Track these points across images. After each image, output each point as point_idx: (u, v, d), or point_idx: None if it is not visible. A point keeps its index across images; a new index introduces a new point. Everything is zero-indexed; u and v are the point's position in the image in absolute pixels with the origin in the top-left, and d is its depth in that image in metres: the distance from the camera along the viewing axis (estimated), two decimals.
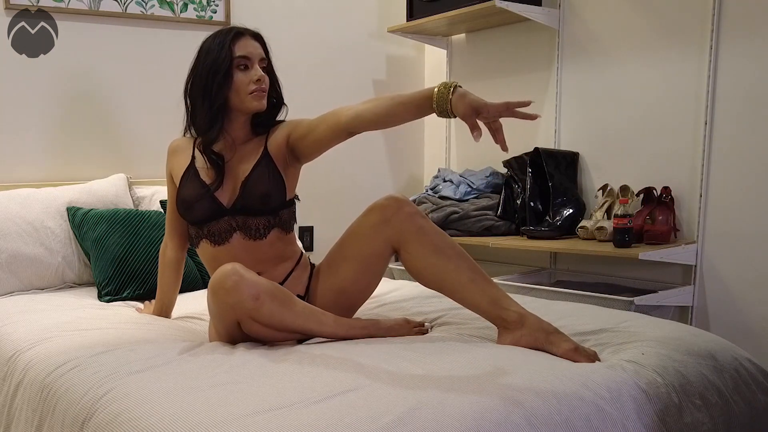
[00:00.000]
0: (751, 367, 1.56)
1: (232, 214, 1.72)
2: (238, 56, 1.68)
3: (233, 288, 1.46)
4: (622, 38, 2.65)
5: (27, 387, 1.50)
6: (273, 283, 1.55)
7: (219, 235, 1.73)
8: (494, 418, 1.14)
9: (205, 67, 1.69)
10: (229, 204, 1.73)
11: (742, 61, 2.32)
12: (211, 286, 1.51)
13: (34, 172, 2.56)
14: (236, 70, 1.69)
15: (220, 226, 1.73)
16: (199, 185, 1.74)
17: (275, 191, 1.74)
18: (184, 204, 1.75)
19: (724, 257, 2.40)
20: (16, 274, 2.22)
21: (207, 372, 1.35)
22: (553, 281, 2.82)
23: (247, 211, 1.72)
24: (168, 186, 1.87)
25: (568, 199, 2.73)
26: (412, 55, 3.47)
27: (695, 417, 1.40)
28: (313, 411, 1.13)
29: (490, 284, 1.59)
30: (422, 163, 3.55)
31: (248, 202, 1.72)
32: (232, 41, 1.68)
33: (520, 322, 1.52)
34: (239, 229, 1.72)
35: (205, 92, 1.69)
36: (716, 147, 2.40)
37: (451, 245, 1.63)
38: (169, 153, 1.85)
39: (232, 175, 1.75)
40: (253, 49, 1.71)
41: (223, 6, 2.88)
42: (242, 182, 1.73)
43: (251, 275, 1.50)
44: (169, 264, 1.91)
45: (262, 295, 1.48)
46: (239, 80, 1.69)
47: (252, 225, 1.73)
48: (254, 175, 1.73)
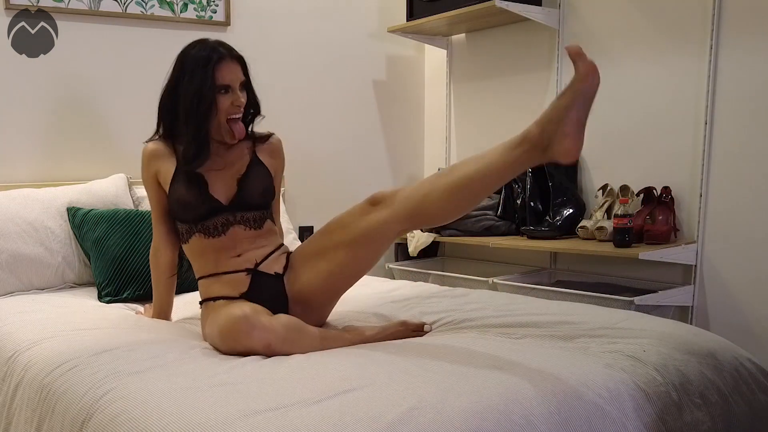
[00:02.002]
0: (752, 366, 1.57)
1: (229, 210, 1.76)
2: (219, 84, 1.71)
3: (245, 337, 1.48)
4: (622, 38, 2.65)
5: (26, 387, 1.50)
6: (284, 321, 1.54)
7: (215, 229, 1.76)
8: (494, 418, 1.14)
9: (190, 92, 1.71)
10: (227, 201, 1.77)
11: (742, 61, 2.32)
12: (221, 332, 1.52)
13: (34, 172, 2.56)
14: (219, 95, 1.72)
15: (217, 221, 1.76)
16: (193, 181, 1.75)
17: (271, 185, 1.84)
18: (179, 202, 1.76)
19: (724, 257, 2.40)
20: (16, 274, 2.22)
21: (207, 372, 1.34)
22: (553, 281, 2.82)
23: (244, 207, 1.78)
24: (151, 191, 1.85)
25: (568, 199, 2.73)
26: (412, 55, 3.47)
27: (695, 416, 1.40)
28: (313, 411, 1.13)
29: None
30: (422, 163, 3.55)
31: (248, 198, 1.77)
32: (215, 67, 1.70)
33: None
34: (238, 222, 1.77)
35: (189, 118, 1.72)
36: (716, 147, 2.40)
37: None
38: (149, 158, 1.83)
39: (223, 175, 1.78)
40: (234, 76, 1.74)
41: (223, 6, 2.88)
42: (239, 179, 1.78)
43: (262, 320, 1.50)
44: (165, 268, 1.90)
45: (273, 342, 1.48)
46: (221, 105, 1.72)
47: (250, 217, 1.79)
48: (251, 172, 1.80)
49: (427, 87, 3.51)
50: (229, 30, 2.91)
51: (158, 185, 1.83)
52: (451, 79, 3.34)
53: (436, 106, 3.46)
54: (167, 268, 1.90)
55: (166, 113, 1.80)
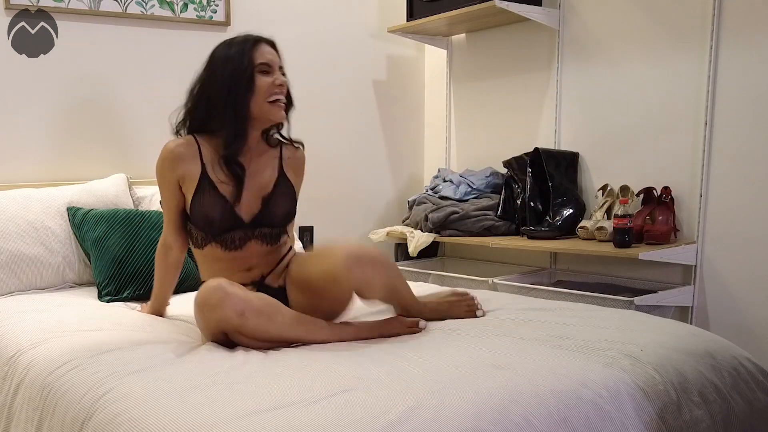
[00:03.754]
0: (750, 366, 1.57)
1: (249, 227, 1.76)
2: (259, 63, 1.69)
3: (218, 305, 1.48)
4: (622, 38, 2.65)
5: (27, 387, 1.50)
6: (260, 296, 1.57)
7: (233, 242, 1.75)
8: (493, 417, 1.14)
9: (226, 74, 1.68)
10: (249, 218, 1.76)
11: (742, 61, 2.32)
12: (197, 302, 1.53)
13: (34, 172, 2.56)
14: (258, 74, 1.69)
15: (236, 236, 1.75)
16: (218, 200, 1.72)
17: (294, 207, 1.84)
18: (205, 219, 1.73)
19: (724, 257, 2.40)
20: (17, 274, 2.22)
21: (207, 372, 1.35)
22: (553, 281, 2.82)
23: (265, 225, 1.78)
24: (169, 193, 1.79)
25: (568, 199, 2.73)
26: (412, 55, 3.47)
27: (694, 414, 1.40)
28: (313, 411, 1.13)
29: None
30: (422, 163, 3.55)
31: (270, 219, 1.77)
32: (252, 48, 1.69)
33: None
34: (256, 238, 1.77)
35: (228, 100, 1.68)
36: (716, 147, 2.40)
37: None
38: (171, 160, 1.75)
39: (249, 187, 1.76)
40: (272, 57, 1.72)
41: (223, 6, 2.88)
42: (263, 199, 1.77)
43: (236, 290, 1.52)
44: (174, 266, 1.89)
45: (247, 311, 1.49)
46: (261, 83, 1.68)
47: (268, 233, 1.79)
48: (276, 194, 1.79)
49: (427, 87, 3.51)
50: (229, 30, 2.91)
51: (178, 189, 1.77)
52: (451, 79, 3.35)
53: (436, 106, 3.46)
54: (176, 266, 1.89)
55: (199, 105, 1.75)
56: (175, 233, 1.84)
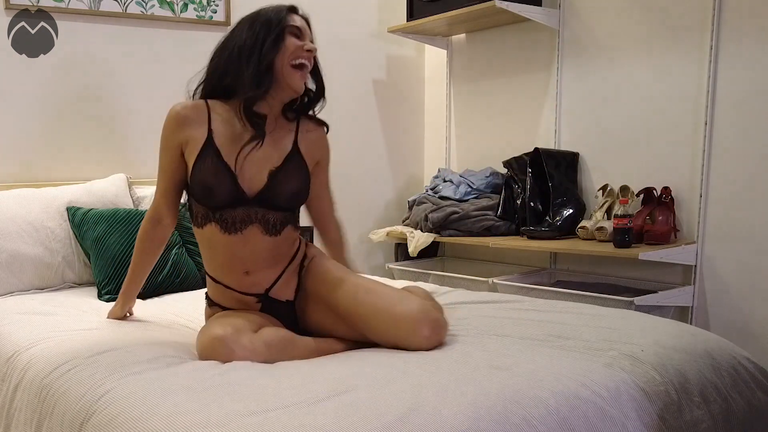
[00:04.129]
0: (750, 365, 1.57)
1: (252, 204, 1.61)
2: (291, 24, 1.62)
3: (224, 360, 1.43)
4: (622, 38, 2.65)
5: (26, 387, 1.50)
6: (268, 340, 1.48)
7: (233, 224, 1.60)
8: (493, 418, 1.14)
9: (255, 29, 1.62)
10: (252, 193, 1.61)
11: (742, 61, 2.32)
12: (201, 353, 1.46)
13: (34, 172, 2.56)
14: (289, 34, 1.62)
15: (237, 215, 1.60)
16: (220, 167, 1.58)
17: (304, 189, 1.69)
18: (203, 186, 1.59)
19: (724, 257, 2.40)
20: (16, 274, 2.22)
21: (206, 373, 1.34)
22: (553, 281, 2.82)
23: (269, 205, 1.62)
24: (168, 158, 1.66)
25: (568, 199, 2.73)
26: (412, 55, 3.47)
27: (695, 414, 1.40)
28: (312, 411, 1.13)
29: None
30: (422, 163, 3.55)
31: (275, 197, 1.62)
32: (287, 12, 1.64)
33: None
34: (257, 222, 1.62)
35: (254, 50, 1.59)
36: (716, 147, 2.40)
37: None
38: (176, 122, 1.63)
39: (256, 158, 1.62)
40: (304, 26, 1.66)
41: (223, 6, 2.88)
42: (271, 173, 1.63)
43: (242, 342, 1.44)
44: (160, 241, 1.76)
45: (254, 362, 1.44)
46: (290, 43, 1.60)
47: (271, 219, 1.63)
48: (286, 168, 1.64)
49: (427, 87, 3.51)
50: (229, 30, 2.91)
51: (180, 155, 1.64)
52: (451, 79, 3.34)
53: (436, 106, 3.46)
54: (161, 243, 1.77)
55: (219, 62, 1.65)
56: (167, 204, 1.71)
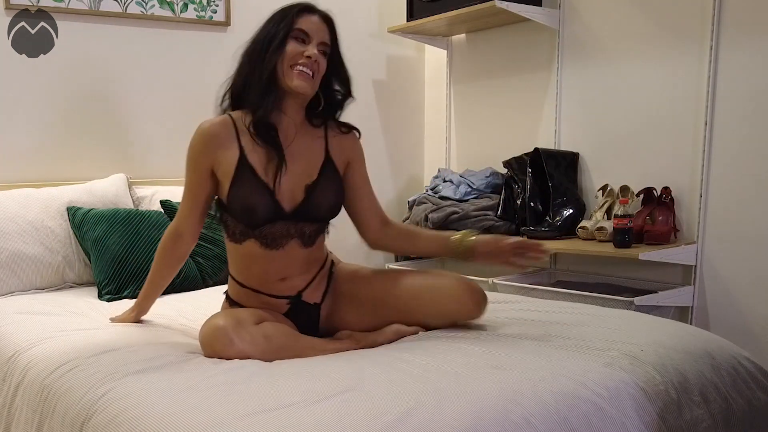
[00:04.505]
0: (750, 365, 1.57)
1: (291, 219, 1.61)
2: (297, 28, 1.58)
3: (222, 350, 1.45)
4: (622, 38, 2.65)
5: (27, 387, 1.50)
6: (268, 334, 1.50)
7: (273, 240, 1.60)
8: (492, 418, 1.14)
9: (262, 34, 1.60)
10: (291, 209, 1.60)
11: (743, 61, 2.32)
12: (201, 341, 1.49)
13: (34, 172, 2.56)
14: (291, 39, 1.58)
15: (276, 231, 1.60)
16: (260, 188, 1.57)
17: (340, 200, 1.69)
18: (244, 207, 1.57)
19: (724, 257, 2.40)
20: (16, 273, 2.23)
21: (206, 372, 1.34)
22: (553, 281, 2.82)
23: (308, 218, 1.63)
24: (196, 176, 1.63)
25: (568, 199, 2.73)
26: (412, 55, 3.47)
27: (695, 414, 1.40)
28: (312, 411, 1.13)
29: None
30: (422, 163, 3.55)
31: (314, 211, 1.62)
32: (297, 14, 1.60)
33: None
34: (296, 236, 1.62)
35: (258, 59, 1.58)
36: (716, 147, 2.40)
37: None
38: (206, 142, 1.60)
39: (291, 172, 1.61)
40: (316, 28, 1.60)
41: (223, 6, 2.88)
42: (307, 188, 1.62)
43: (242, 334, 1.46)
44: (180, 257, 1.75)
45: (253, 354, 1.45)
46: (290, 48, 1.57)
47: (307, 232, 1.64)
48: (321, 183, 1.63)
49: (427, 87, 3.51)
50: (229, 30, 2.92)
51: (209, 176, 1.62)
52: (451, 79, 3.34)
53: (436, 106, 3.46)
54: (181, 259, 1.76)
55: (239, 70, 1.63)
56: (191, 223, 1.68)
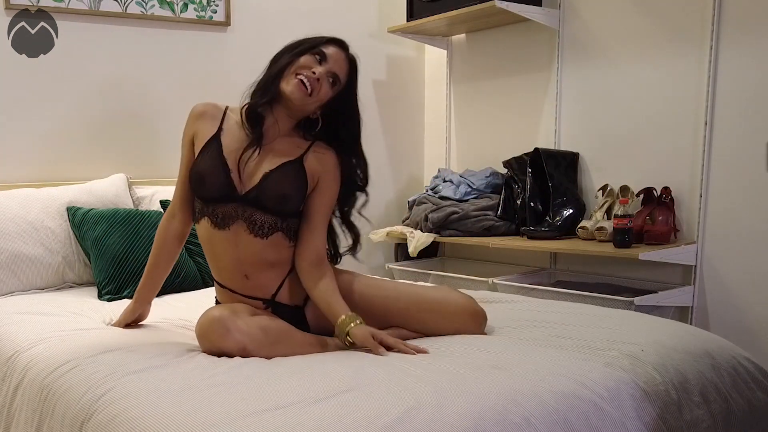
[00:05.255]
0: (750, 365, 1.57)
1: (241, 202, 1.63)
2: (320, 49, 1.63)
3: (219, 340, 1.47)
4: (622, 38, 2.65)
5: (27, 387, 1.50)
6: (263, 325, 1.52)
7: (222, 219, 1.63)
8: (492, 418, 1.14)
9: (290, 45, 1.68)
10: (243, 191, 1.63)
11: (743, 61, 2.32)
12: (198, 332, 1.51)
13: (34, 172, 2.56)
14: (309, 54, 1.63)
15: (226, 210, 1.63)
16: (218, 160, 1.63)
17: (295, 196, 1.66)
18: (197, 176, 1.65)
19: (724, 257, 2.40)
20: (16, 274, 2.22)
21: (206, 372, 1.35)
22: (553, 281, 2.82)
23: (257, 205, 1.63)
24: (184, 151, 1.73)
25: (568, 199, 2.73)
26: (412, 55, 3.47)
27: (695, 414, 1.40)
28: (312, 411, 1.13)
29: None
30: (422, 163, 3.55)
31: (262, 197, 1.63)
32: (328, 41, 1.66)
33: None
34: (243, 220, 1.63)
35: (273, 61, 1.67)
36: (716, 147, 2.40)
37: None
38: (193, 115, 1.72)
39: (258, 162, 1.65)
40: (336, 58, 1.65)
41: (223, 6, 2.88)
42: (264, 174, 1.64)
43: (239, 324, 1.48)
44: (174, 236, 1.75)
45: (249, 345, 1.47)
46: (302, 60, 1.62)
47: (258, 220, 1.63)
48: (279, 171, 1.64)
49: (427, 87, 3.51)
50: (229, 30, 2.92)
51: (192, 147, 1.71)
52: (451, 79, 3.34)
53: (436, 106, 3.46)
54: (176, 237, 1.75)
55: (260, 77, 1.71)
56: (182, 199, 1.74)
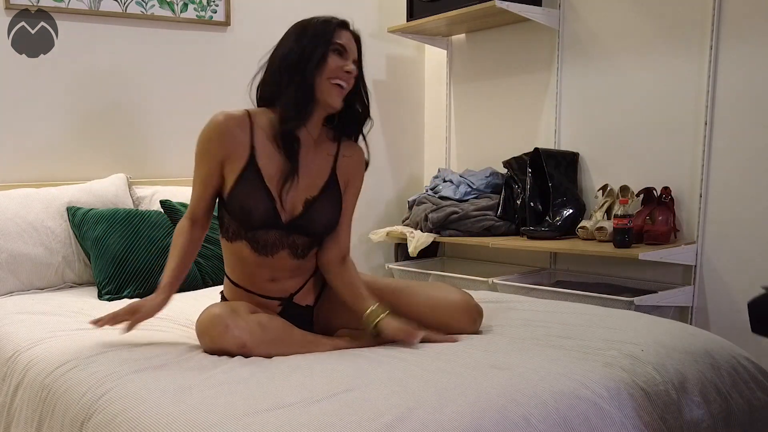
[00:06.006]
0: (749, 365, 1.57)
1: (285, 230, 1.62)
2: (336, 42, 1.60)
3: (218, 337, 1.47)
4: (622, 38, 2.65)
5: (27, 387, 1.50)
6: (265, 323, 1.53)
7: (264, 247, 1.62)
8: (492, 418, 1.14)
9: (303, 42, 1.60)
10: (287, 220, 1.62)
11: (742, 61, 2.32)
12: (197, 329, 1.52)
13: (34, 172, 2.56)
14: (331, 53, 1.60)
15: (269, 238, 1.62)
16: (262, 193, 1.59)
17: (336, 217, 1.69)
18: (242, 209, 1.59)
19: (724, 257, 2.40)
20: (16, 273, 2.23)
21: (206, 372, 1.35)
22: (553, 281, 2.82)
23: (303, 232, 1.64)
24: (206, 167, 1.61)
25: (568, 199, 2.73)
26: (412, 55, 3.47)
27: (695, 414, 1.40)
28: (313, 411, 1.13)
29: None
30: (422, 163, 3.55)
31: (309, 226, 1.64)
32: (335, 28, 1.63)
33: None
34: (288, 247, 1.63)
35: (296, 71, 1.58)
36: (716, 147, 2.40)
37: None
38: (221, 135, 1.58)
39: (297, 190, 1.63)
40: (352, 45, 1.64)
41: (223, 6, 2.88)
42: (306, 202, 1.63)
43: (239, 321, 1.48)
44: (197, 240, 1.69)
45: (249, 342, 1.47)
46: (332, 62, 1.58)
47: (300, 245, 1.65)
48: (322, 199, 1.65)
49: (427, 87, 3.51)
50: (229, 30, 2.92)
51: (218, 168, 1.61)
52: (451, 79, 3.34)
53: (436, 106, 3.46)
54: (197, 241, 1.69)
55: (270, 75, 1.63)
56: (203, 210, 1.67)
